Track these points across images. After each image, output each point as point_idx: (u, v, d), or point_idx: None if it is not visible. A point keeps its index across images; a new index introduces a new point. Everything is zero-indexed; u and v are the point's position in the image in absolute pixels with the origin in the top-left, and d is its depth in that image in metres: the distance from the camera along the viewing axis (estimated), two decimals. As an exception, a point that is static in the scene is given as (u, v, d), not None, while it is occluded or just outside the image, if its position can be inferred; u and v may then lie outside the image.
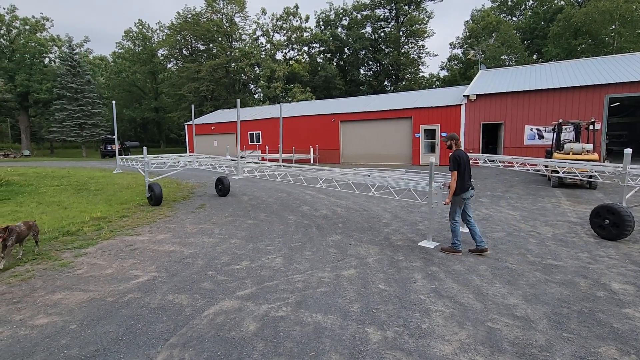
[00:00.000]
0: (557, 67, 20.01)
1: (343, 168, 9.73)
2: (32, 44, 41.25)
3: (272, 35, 46.45)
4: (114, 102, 12.75)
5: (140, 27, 53.70)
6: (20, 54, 40.75)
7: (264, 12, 47.09)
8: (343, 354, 2.97)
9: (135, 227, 7.30)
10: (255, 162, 10.76)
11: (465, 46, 44.99)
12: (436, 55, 57.71)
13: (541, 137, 16.75)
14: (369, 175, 7.22)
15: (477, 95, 18.00)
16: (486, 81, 20.15)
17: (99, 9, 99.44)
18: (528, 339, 3.16)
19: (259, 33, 46.96)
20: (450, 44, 49.49)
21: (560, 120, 12.42)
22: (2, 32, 40.74)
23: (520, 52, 36.42)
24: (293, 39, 46.18)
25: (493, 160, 13.38)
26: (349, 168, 9.42)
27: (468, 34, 46.21)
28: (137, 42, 54.06)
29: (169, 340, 3.20)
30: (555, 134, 12.51)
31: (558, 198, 9.87)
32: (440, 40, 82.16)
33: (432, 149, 20.07)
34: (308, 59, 48.78)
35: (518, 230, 6.71)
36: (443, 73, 52.13)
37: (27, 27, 41.61)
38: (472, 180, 5.52)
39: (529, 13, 42.74)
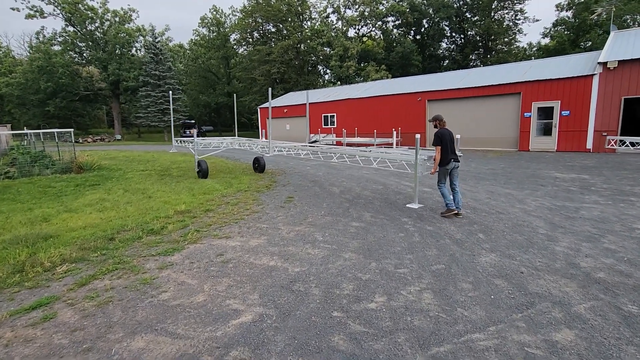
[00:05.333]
0: None
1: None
2: (121, 35, 44.27)
3: (344, 12, 43.95)
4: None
5: (215, 12, 54.89)
6: (112, 45, 44.02)
7: (335, -13, 44.61)
8: None
9: (223, 227, 6.17)
10: (284, 143, 11.59)
11: (574, 7, 37.61)
12: (537, 21, 48.69)
13: None
14: (369, 151, 8.77)
15: (618, 61, 14.06)
16: (626, 44, 15.82)
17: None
18: None
19: (329, 10, 44.82)
20: (557, 6, 41.11)
21: None
22: (96, 24, 44.31)
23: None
24: (366, 14, 43.17)
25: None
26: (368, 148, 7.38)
27: (582, -9, 38.36)
28: (211, 28, 55.48)
29: None
30: None
31: None
32: (542, 1, 69.80)
33: (547, 131, 16.52)
34: (381, 36, 45.40)
35: None
36: (545, 41, 44.64)
37: (117, 19, 44.70)
38: (458, 153, 6.46)
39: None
